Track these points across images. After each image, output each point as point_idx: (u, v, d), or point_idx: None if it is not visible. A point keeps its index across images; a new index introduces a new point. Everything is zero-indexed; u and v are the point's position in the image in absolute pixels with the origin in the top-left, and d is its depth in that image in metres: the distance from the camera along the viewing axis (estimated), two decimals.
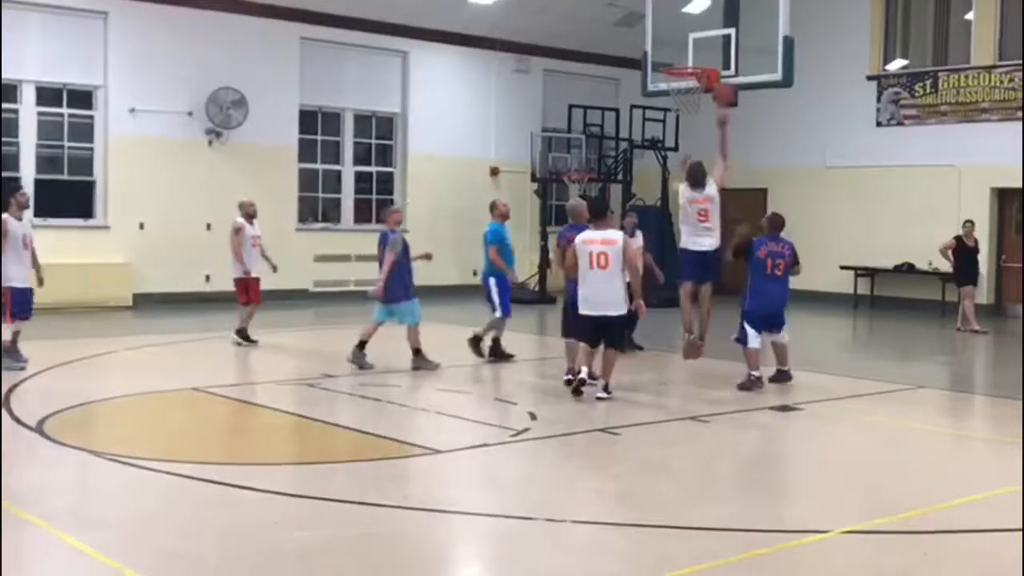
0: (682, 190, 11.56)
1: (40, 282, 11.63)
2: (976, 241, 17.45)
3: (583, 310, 10.21)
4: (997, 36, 19.89)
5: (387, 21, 20.79)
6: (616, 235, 10.29)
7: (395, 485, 7.22)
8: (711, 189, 11.40)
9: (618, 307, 10.15)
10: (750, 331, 11.00)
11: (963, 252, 17.25)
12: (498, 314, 12.43)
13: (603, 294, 10.09)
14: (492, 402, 10.40)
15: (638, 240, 13.38)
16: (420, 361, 11.84)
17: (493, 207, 12.77)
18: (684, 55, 13.76)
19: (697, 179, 11.45)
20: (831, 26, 21.27)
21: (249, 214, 13.82)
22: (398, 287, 11.77)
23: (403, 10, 20.82)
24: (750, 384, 10.90)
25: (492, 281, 12.42)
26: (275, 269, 14.11)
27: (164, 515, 6.41)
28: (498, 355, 12.56)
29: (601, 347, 10.28)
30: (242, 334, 13.59)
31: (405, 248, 11.86)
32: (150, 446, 8.13)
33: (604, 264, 10.03)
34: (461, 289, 19.86)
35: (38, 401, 9.55)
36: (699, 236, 11.45)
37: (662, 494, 7.19)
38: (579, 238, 10.31)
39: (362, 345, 11.83)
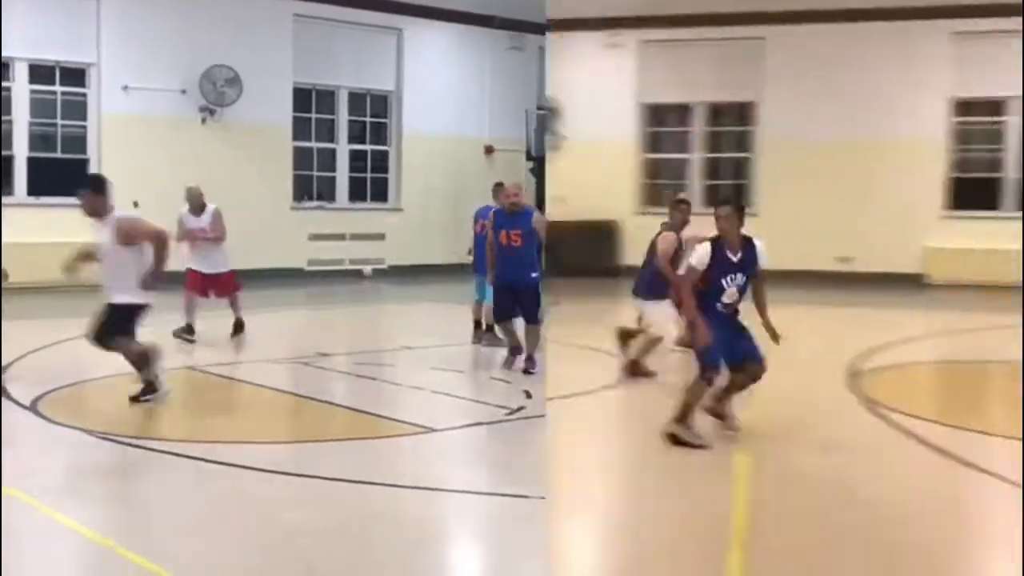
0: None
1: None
2: None
3: None
4: None
5: None
6: None
7: (389, 463, 7.22)
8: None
9: None
10: None
11: None
12: None
13: None
14: (487, 381, 10.39)
15: None
16: (490, 337, 11.83)
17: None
18: None
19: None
20: None
21: (193, 206, 12.65)
22: (484, 263, 11.68)
23: None
24: None
25: None
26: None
27: (156, 493, 6.41)
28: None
29: None
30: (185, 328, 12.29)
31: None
32: (143, 425, 8.14)
33: None
34: (451, 268, 19.78)
35: (32, 380, 9.52)
36: None
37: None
38: None
39: (490, 328, 11.71)
